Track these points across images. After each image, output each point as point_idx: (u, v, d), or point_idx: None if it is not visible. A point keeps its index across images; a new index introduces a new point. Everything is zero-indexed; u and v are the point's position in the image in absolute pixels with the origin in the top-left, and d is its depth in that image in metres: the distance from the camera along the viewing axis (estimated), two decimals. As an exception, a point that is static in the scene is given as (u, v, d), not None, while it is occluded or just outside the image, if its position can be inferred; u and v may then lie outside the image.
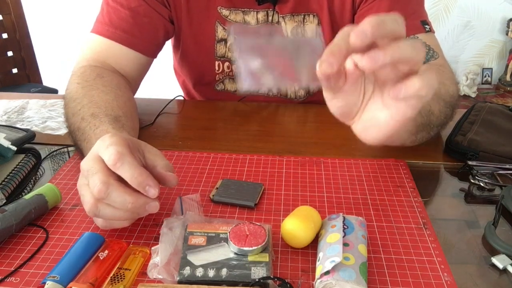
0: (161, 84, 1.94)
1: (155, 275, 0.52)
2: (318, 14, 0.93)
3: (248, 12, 0.93)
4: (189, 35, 0.96)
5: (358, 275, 0.49)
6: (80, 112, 0.72)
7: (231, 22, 0.94)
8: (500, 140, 0.77)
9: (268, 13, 0.93)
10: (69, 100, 0.77)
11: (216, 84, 1.04)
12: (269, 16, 0.93)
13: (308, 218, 0.56)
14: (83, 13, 2.49)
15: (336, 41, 0.45)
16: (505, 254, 0.56)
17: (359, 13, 0.90)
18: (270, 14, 0.93)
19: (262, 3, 0.91)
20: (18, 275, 0.53)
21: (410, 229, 0.60)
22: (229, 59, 0.99)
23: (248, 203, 0.64)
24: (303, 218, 0.56)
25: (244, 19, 0.94)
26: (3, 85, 1.78)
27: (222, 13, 0.93)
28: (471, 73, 2.66)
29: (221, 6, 0.93)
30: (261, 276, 0.50)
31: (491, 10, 2.60)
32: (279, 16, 0.93)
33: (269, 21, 0.94)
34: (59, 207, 0.64)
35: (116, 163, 0.52)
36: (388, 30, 0.44)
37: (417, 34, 0.84)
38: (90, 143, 0.66)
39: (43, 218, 0.62)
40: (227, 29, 0.86)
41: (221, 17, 0.94)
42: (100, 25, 0.88)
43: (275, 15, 0.93)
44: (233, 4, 0.92)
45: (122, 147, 0.54)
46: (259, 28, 0.66)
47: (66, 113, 0.76)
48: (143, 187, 0.52)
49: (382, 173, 0.73)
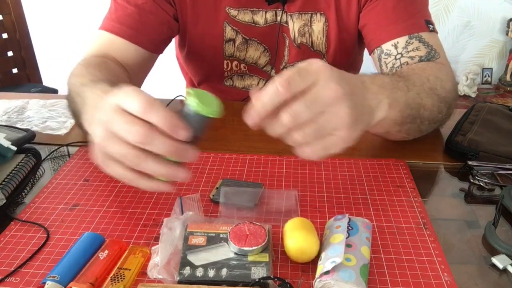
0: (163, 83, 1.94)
1: (155, 275, 0.52)
2: (325, 13, 0.93)
3: (257, 11, 0.94)
4: (196, 34, 0.96)
5: (358, 276, 0.49)
6: (80, 81, 0.71)
7: (239, 22, 0.94)
8: (500, 140, 0.77)
9: (277, 12, 0.93)
10: (69, 77, 0.77)
11: (225, 80, 1.05)
12: (277, 16, 0.94)
13: (308, 230, 0.55)
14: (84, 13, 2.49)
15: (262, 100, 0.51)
16: (505, 254, 0.56)
17: (364, 11, 0.90)
18: (279, 14, 0.93)
19: (272, 2, 0.91)
20: (18, 275, 0.53)
21: (410, 229, 0.60)
22: (237, 58, 0.99)
23: (248, 203, 0.64)
24: (305, 231, 0.54)
25: (253, 18, 0.94)
26: (3, 85, 1.78)
27: (230, 13, 0.94)
28: (471, 73, 2.66)
29: (229, 6, 0.93)
30: (261, 276, 0.50)
31: (491, 10, 2.60)
32: (287, 15, 0.94)
33: (278, 20, 0.94)
34: (59, 207, 0.64)
35: (146, 108, 0.49)
36: (270, 109, 0.51)
37: (421, 33, 0.84)
38: (85, 98, 0.63)
39: (43, 218, 0.62)
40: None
41: (229, 17, 0.94)
42: (107, 22, 0.90)
43: (284, 15, 0.93)
44: (241, 4, 0.93)
45: (143, 92, 0.50)
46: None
47: (67, 90, 0.76)
48: (174, 128, 0.49)
49: (382, 173, 0.73)
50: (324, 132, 0.53)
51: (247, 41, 0.97)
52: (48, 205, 0.65)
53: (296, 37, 0.96)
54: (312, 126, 0.52)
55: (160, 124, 0.49)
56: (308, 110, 0.51)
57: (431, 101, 0.71)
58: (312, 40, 0.96)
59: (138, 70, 0.92)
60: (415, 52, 0.83)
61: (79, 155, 0.77)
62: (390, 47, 0.86)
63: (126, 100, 0.50)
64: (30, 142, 0.78)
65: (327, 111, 0.52)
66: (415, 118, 0.70)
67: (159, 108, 0.49)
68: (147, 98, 0.49)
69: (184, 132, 0.50)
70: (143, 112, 0.49)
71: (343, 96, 0.52)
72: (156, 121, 0.49)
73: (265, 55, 0.99)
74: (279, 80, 0.51)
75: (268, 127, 0.53)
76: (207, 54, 1.00)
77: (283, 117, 0.51)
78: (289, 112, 0.51)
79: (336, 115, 0.52)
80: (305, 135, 0.52)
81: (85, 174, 0.72)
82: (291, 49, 0.98)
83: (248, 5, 0.93)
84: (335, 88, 0.52)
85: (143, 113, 0.49)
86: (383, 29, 0.87)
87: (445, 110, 0.76)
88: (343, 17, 0.93)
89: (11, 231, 0.60)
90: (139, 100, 0.49)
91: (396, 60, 0.84)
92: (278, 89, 0.50)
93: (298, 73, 0.52)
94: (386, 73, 0.77)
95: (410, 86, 0.69)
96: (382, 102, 0.62)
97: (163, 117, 0.49)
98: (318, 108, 0.52)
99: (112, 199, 0.66)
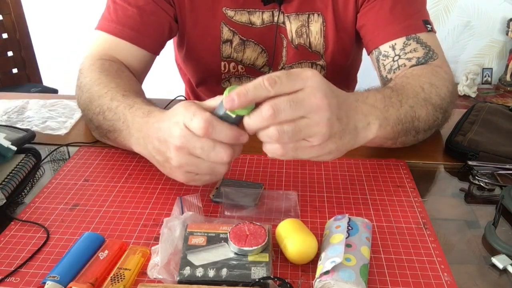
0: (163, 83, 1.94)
1: (155, 275, 0.52)
2: (322, 13, 0.93)
3: (253, 12, 0.93)
4: (194, 35, 0.96)
5: (358, 276, 0.49)
6: (108, 94, 0.73)
7: (236, 23, 0.94)
8: (500, 140, 0.77)
9: (274, 13, 0.93)
10: (91, 85, 0.77)
11: (222, 82, 1.05)
12: (274, 17, 0.93)
13: (304, 231, 0.55)
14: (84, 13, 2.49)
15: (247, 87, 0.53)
16: (505, 254, 0.56)
17: (362, 12, 0.90)
18: (276, 14, 0.93)
19: (268, 3, 0.91)
20: (18, 275, 0.53)
21: (410, 229, 0.60)
22: (234, 59, 0.99)
23: (248, 203, 0.64)
24: (303, 232, 0.54)
25: (250, 19, 0.94)
26: (3, 85, 1.78)
27: (227, 14, 0.93)
28: (471, 73, 2.66)
29: (226, 7, 0.93)
30: (261, 276, 0.50)
31: (491, 10, 2.60)
32: (284, 16, 0.93)
33: (274, 21, 0.94)
34: (59, 207, 0.64)
35: (207, 130, 0.54)
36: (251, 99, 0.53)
37: (418, 34, 0.84)
38: (126, 121, 0.68)
39: (43, 218, 0.62)
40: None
41: (226, 18, 0.94)
42: (107, 23, 0.89)
43: (281, 15, 0.93)
44: (238, 4, 0.92)
45: (204, 112, 0.55)
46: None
47: (89, 97, 0.76)
48: (238, 138, 0.56)
49: (382, 173, 0.73)
50: (300, 136, 0.55)
51: (244, 42, 0.97)
52: (48, 205, 0.65)
53: (293, 38, 0.96)
54: (291, 126, 0.53)
55: (225, 139, 0.56)
56: (290, 109, 0.52)
57: (425, 111, 0.71)
58: (310, 41, 0.96)
59: (140, 72, 0.92)
60: (413, 53, 0.83)
61: (79, 155, 0.77)
62: (388, 49, 0.85)
63: (190, 121, 0.56)
64: (30, 142, 0.78)
65: (308, 117, 0.54)
66: (409, 131, 0.71)
67: (218, 127, 0.55)
68: (206, 119, 0.55)
69: (245, 136, 0.56)
70: (205, 134, 0.55)
71: (327, 107, 0.54)
72: (220, 138, 0.55)
73: (262, 56, 0.99)
74: (266, 76, 0.52)
75: (246, 118, 0.54)
76: (205, 56, 0.99)
77: (264, 107, 0.52)
78: (271, 105, 0.52)
79: (315, 123, 0.54)
80: (282, 132, 0.53)
81: (85, 174, 0.72)
82: (289, 49, 0.98)
83: (245, 5, 0.93)
84: (321, 97, 0.53)
85: (205, 134, 0.55)
86: (381, 30, 0.87)
87: (441, 117, 0.76)
88: (340, 17, 0.93)
89: (11, 231, 0.60)
90: (199, 122, 0.55)
91: (394, 62, 0.84)
92: (263, 82, 0.52)
93: (288, 75, 0.53)
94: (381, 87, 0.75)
95: (404, 99, 0.69)
96: (371, 124, 0.63)
97: (225, 136, 0.55)
98: (300, 112, 0.53)
99: (112, 199, 0.66)
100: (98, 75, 0.79)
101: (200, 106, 0.58)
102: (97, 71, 0.80)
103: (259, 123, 0.53)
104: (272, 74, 0.52)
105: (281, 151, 0.55)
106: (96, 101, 0.74)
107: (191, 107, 0.57)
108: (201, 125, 0.54)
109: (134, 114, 0.67)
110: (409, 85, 0.73)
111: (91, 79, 0.79)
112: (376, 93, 0.68)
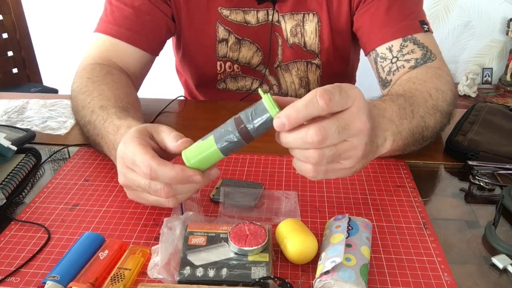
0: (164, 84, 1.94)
1: (155, 275, 0.52)
2: (317, 13, 0.93)
3: (248, 11, 0.93)
4: (190, 35, 0.96)
5: (358, 276, 0.49)
6: (90, 105, 0.73)
7: (231, 22, 0.94)
8: (500, 140, 0.77)
9: (268, 12, 0.93)
10: (78, 93, 0.78)
11: (217, 83, 1.05)
12: (269, 15, 0.94)
13: (304, 231, 0.55)
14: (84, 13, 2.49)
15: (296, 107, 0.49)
16: (505, 254, 0.56)
17: (358, 13, 0.90)
18: (270, 13, 0.93)
19: (262, 2, 0.91)
20: (18, 275, 0.53)
21: (410, 229, 0.60)
22: (230, 59, 0.99)
23: (248, 203, 0.64)
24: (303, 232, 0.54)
25: (245, 18, 0.94)
26: (3, 85, 1.78)
27: (222, 13, 0.94)
28: (471, 73, 2.66)
29: (221, 6, 0.93)
30: (261, 276, 0.50)
31: (491, 10, 2.60)
32: (279, 15, 0.93)
33: (269, 20, 0.94)
34: (59, 207, 0.64)
35: (151, 176, 0.53)
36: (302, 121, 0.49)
37: (415, 34, 0.84)
38: (104, 137, 0.68)
39: (43, 218, 0.62)
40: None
41: (221, 17, 0.94)
42: (104, 24, 0.89)
43: (275, 14, 0.93)
44: (233, 3, 0.93)
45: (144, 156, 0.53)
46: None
47: (75, 106, 0.77)
48: (186, 180, 0.54)
49: (382, 173, 0.73)
50: (338, 160, 0.52)
51: (239, 41, 0.97)
52: (48, 205, 0.65)
53: (288, 37, 0.96)
54: (332, 150, 0.50)
55: (172, 183, 0.54)
56: (338, 135, 0.49)
57: (433, 119, 0.71)
58: (305, 40, 0.96)
59: (139, 73, 0.92)
60: (411, 55, 0.83)
61: (79, 155, 0.77)
62: (385, 51, 0.85)
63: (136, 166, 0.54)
64: (30, 142, 0.78)
65: (349, 141, 0.51)
66: (417, 141, 0.70)
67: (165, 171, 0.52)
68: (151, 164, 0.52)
69: (198, 177, 0.53)
70: (151, 178, 0.54)
71: (367, 131, 0.52)
72: (165, 182, 0.54)
73: (258, 54, 0.99)
74: (319, 92, 0.47)
75: (286, 135, 0.50)
76: (201, 55, 0.99)
77: (311, 132, 0.48)
78: (320, 130, 0.48)
79: (354, 146, 0.52)
80: (322, 156, 0.50)
81: (85, 174, 0.72)
82: (285, 48, 0.98)
83: (240, 4, 0.93)
84: (365, 121, 0.51)
85: (152, 179, 0.54)
86: (377, 32, 0.86)
87: (446, 121, 0.76)
88: (334, 17, 0.93)
89: (11, 231, 0.60)
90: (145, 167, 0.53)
91: (393, 64, 0.84)
92: (317, 101, 0.47)
93: (340, 92, 0.49)
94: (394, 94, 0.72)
95: (415, 109, 0.68)
96: (387, 140, 0.61)
97: (170, 178, 0.53)
98: (346, 136, 0.50)
99: (112, 199, 0.66)
100: (85, 81, 0.79)
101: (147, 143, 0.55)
102: (85, 77, 0.80)
103: (301, 145, 0.50)
104: (325, 90, 0.48)
105: (312, 174, 0.53)
106: (80, 111, 0.75)
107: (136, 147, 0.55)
108: (144, 170, 0.53)
109: (107, 131, 0.67)
110: (418, 91, 0.72)
111: (78, 85, 0.79)
112: (392, 104, 0.65)
